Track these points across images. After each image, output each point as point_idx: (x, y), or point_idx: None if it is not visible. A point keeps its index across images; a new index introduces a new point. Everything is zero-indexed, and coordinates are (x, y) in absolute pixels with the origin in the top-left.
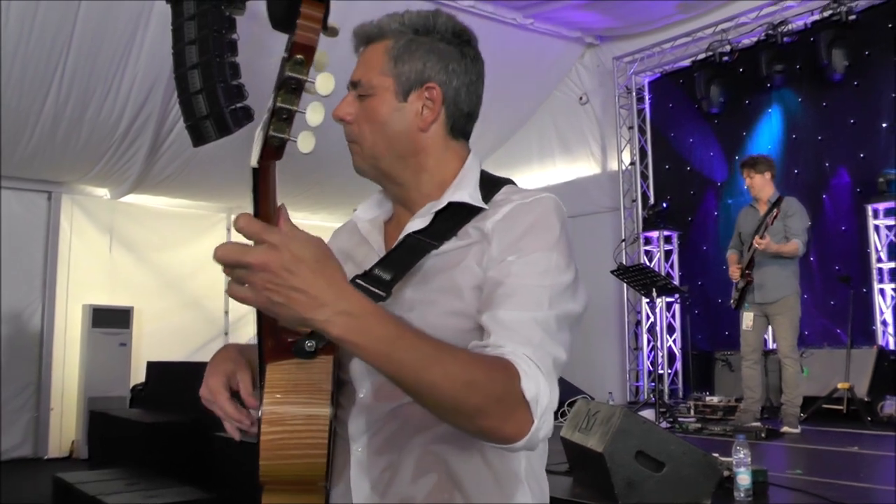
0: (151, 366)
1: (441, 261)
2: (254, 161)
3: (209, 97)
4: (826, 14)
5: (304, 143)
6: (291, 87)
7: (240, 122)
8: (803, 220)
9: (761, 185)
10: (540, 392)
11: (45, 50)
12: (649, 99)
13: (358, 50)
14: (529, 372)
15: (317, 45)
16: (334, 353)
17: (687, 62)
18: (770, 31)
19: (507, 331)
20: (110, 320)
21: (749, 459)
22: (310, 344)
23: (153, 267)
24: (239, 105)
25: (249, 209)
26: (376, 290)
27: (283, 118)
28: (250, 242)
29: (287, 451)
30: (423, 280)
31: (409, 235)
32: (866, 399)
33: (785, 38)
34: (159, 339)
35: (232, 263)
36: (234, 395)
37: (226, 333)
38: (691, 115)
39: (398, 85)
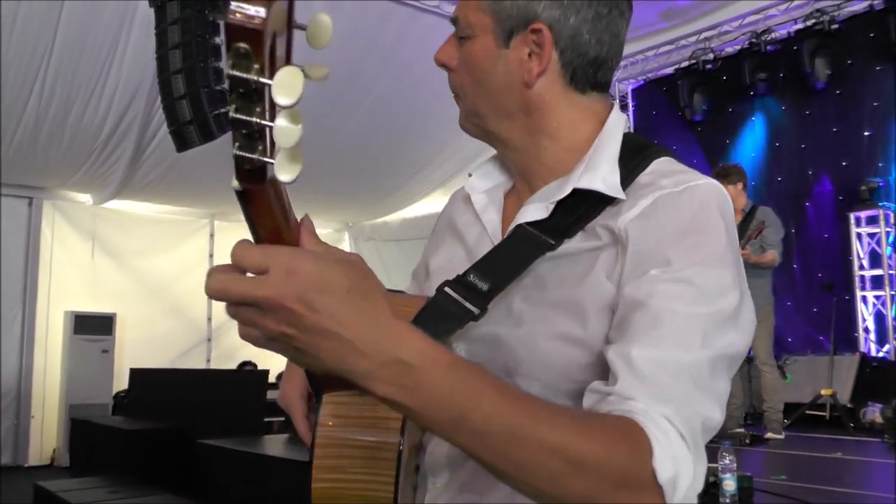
0: (134, 373)
1: (561, 266)
2: (234, 182)
3: (193, 102)
4: (809, 23)
5: (282, 168)
6: (240, 92)
7: (224, 127)
8: (779, 230)
9: (734, 196)
10: (679, 472)
11: (26, 53)
12: (633, 106)
13: None
14: (667, 444)
15: (265, 25)
16: None
17: (670, 70)
18: (753, 40)
19: (642, 378)
20: (92, 327)
21: (735, 465)
22: None
23: (136, 273)
24: (223, 110)
25: (232, 215)
26: (469, 305)
27: (244, 133)
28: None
29: (345, 481)
30: (536, 287)
31: (520, 227)
32: (849, 405)
33: (768, 47)
34: (142, 345)
35: (234, 300)
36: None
37: (209, 340)
38: (674, 123)
39: (497, 25)
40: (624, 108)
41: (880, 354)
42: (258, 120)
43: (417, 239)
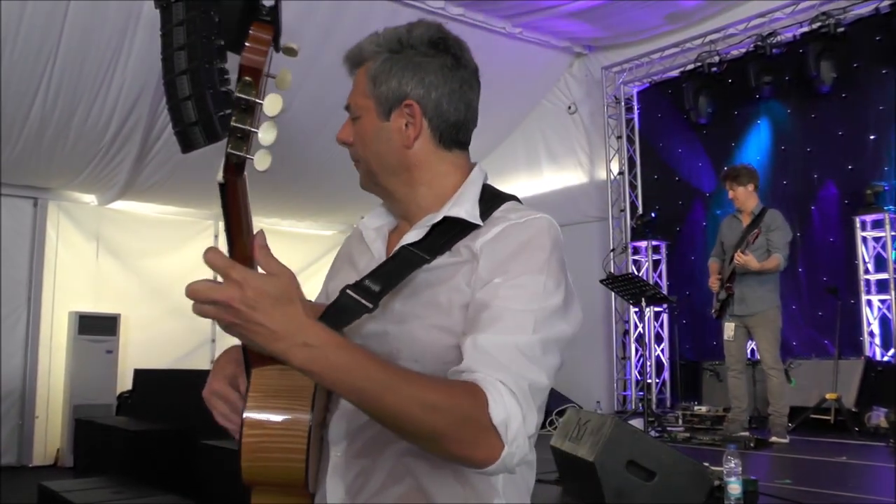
0: (138, 373)
1: (432, 276)
2: (219, 176)
3: (198, 103)
4: (815, 26)
5: (260, 161)
6: (242, 108)
7: (228, 129)
8: (786, 234)
9: (745, 198)
10: (510, 416)
11: (31, 54)
12: (638, 109)
13: (351, 75)
14: (499, 398)
15: (264, 66)
16: None
17: (676, 72)
18: (759, 43)
19: (484, 356)
20: (97, 327)
21: (740, 469)
22: None
23: (140, 274)
24: (228, 111)
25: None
26: (364, 301)
27: (238, 136)
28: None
29: (266, 454)
30: (412, 293)
31: (403, 247)
32: (854, 409)
33: (773, 50)
34: (146, 346)
35: (202, 300)
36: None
37: (213, 341)
38: (680, 126)
39: (379, 105)
40: (629, 110)
41: (885, 359)
42: (248, 128)
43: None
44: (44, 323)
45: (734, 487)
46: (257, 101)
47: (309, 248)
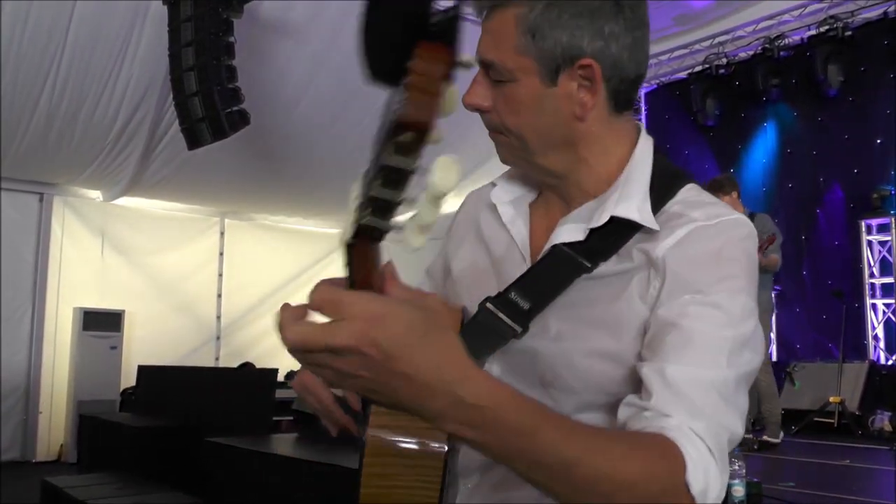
0: (142, 370)
1: (598, 286)
2: (347, 236)
3: (205, 100)
4: (822, 29)
5: (412, 237)
6: (391, 178)
7: (235, 125)
8: (778, 237)
9: (730, 206)
10: (710, 484)
11: (38, 50)
12: (645, 110)
13: (481, 16)
14: (698, 458)
15: (433, 118)
16: None
17: (683, 74)
18: (767, 45)
19: (677, 395)
20: (101, 323)
21: (744, 471)
22: None
23: (145, 270)
24: (235, 108)
25: (243, 214)
26: (511, 323)
27: (380, 206)
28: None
29: (393, 487)
30: (572, 306)
31: (557, 247)
32: (857, 413)
33: (781, 53)
34: (151, 342)
35: (314, 349)
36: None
37: (218, 338)
38: (687, 127)
39: (542, 66)
40: (636, 111)
41: (889, 362)
42: (398, 199)
43: (429, 239)
44: (48, 318)
45: (738, 490)
46: (418, 167)
47: (315, 247)
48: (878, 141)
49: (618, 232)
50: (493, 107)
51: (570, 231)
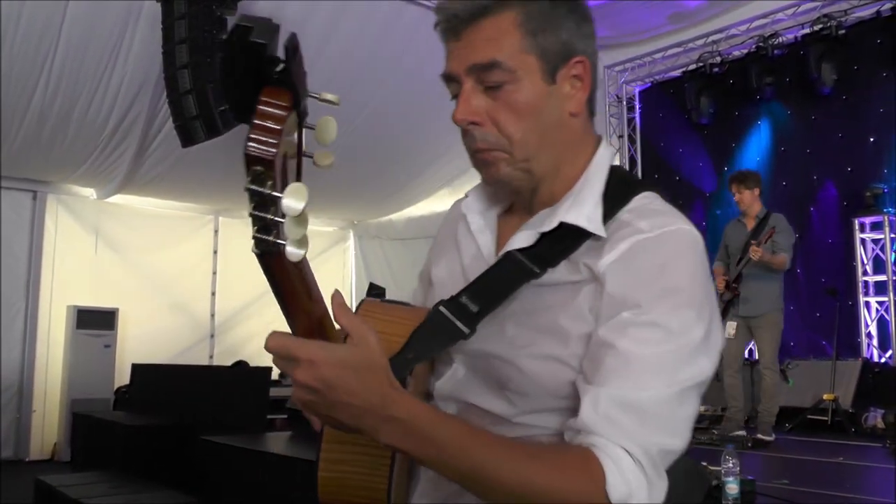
0: (136, 368)
1: (551, 294)
2: (253, 247)
3: (199, 98)
4: (816, 28)
5: (293, 252)
6: (259, 202)
7: (229, 123)
8: (790, 236)
9: (750, 201)
10: (632, 493)
11: (31, 47)
12: (639, 108)
13: (457, 32)
14: (617, 471)
15: (274, 154)
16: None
17: (677, 72)
18: (760, 44)
19: (605, 417)
20: (95, 322)
21: (738, 469)
22: None
23: (139, 268)
24: (229, 106)
25: (237, 212)
26: (460, 325)
27: (261, 225)
28: None
29: (347, 473)
30: (526, 313)
31: (510, 253)
32: (850, 410)
33: (775, 51)
34: (144, 341)
35: (282, 369)
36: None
37: (212, 336)
38: (681, 126)
39: (545, 63)
40: (630, 109)
41: (882, 360)
42: (272, 216)
43: (422, 238)
44: (42, 317)
45: (732, 487)
46: (274, 194)
47: (308, 244)
48: (872, 139)
49: (568, 238)
50: (487, 118)
51: (524, 237)
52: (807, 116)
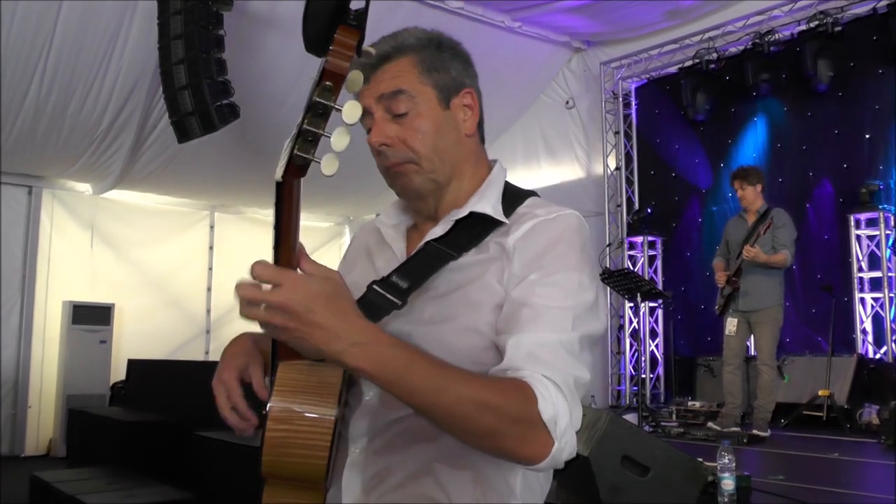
0: (132, 364)
1: (461, 275)
2: (278, 174)
3: (195, 93)
4: (812, 25)
5: (328, 165)
6: (318, 112)
7: (225, 119)
8: (791, 232)
9: (753, 198)
10: (558, 413)
11: (26, 42)
12: (635, 105)
13: (367, 77)
14: (546, 394)
15: (347, 72)
16: None
17: (674, 69)
18: (757, 41)
19: (528, 355)
20: (91, 317)
21: (733, 465)
22: None
23: (135, 264)
24: (225, 102)
25: (233, 207)
26: (392, 298)
27: (308, 139)
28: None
29: (290, 449)
30: (442, 294)
31: (428, 243)
32: (846, 406)
33: (771, 48)
34: (140, 336)
35: (253, 300)
36: (247, 387)
37: (207, 332)
38: (677, 122)
39: (440, 93)
40: (627, 106)
41: (878, 356)
42: (321, 132)
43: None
44: (37, 312)
45: (727, 483)
46: (336, 107)
47: (304, 240)
48: (867, 136)
49: (476, 227)
50: (394, 141)
51: (440, 228)
52: (803, 113)
